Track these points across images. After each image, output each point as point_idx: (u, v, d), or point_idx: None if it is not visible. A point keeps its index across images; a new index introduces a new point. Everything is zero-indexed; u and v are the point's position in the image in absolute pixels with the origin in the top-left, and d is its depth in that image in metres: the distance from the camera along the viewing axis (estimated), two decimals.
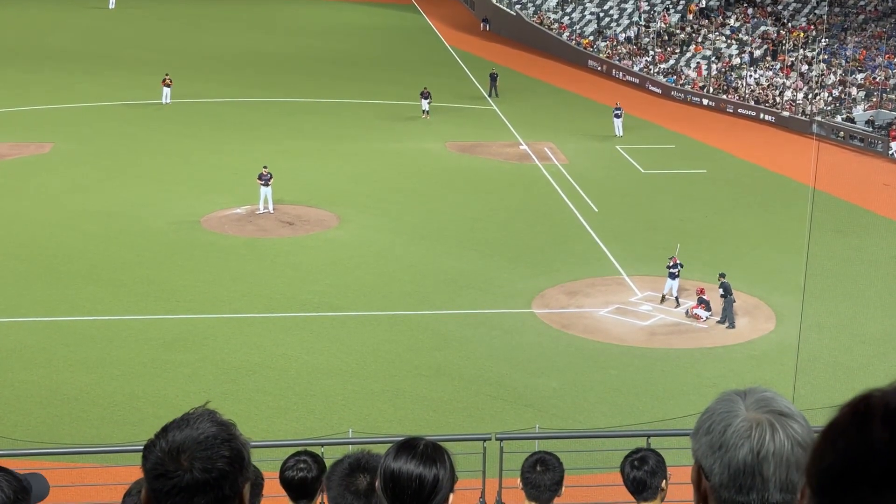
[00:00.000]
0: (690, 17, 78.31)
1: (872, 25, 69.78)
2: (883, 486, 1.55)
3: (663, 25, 78.09)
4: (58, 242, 38.93)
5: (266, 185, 42.56)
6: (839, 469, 1.59)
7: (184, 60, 75.13)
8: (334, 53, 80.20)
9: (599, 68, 75.65)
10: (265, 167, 43.20)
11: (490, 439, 13.18)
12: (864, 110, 59.66)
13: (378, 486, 3.63)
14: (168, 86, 61.84)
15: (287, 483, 6.44)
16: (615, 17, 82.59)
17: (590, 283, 36.16)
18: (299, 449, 6.74)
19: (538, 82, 71.59)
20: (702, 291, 33.45)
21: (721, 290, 32.88)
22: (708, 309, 33.21)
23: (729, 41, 72.44)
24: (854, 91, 61.98)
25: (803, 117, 59.95)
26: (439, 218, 42.64)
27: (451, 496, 3.68)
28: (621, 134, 56.75)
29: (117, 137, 54.39)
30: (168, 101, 61.65)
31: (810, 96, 62.26)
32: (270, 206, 42.64)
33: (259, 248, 38.90)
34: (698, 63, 70.30)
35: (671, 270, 34.31)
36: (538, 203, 45.07)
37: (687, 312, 33.59)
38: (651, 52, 74.40)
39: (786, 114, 60.76)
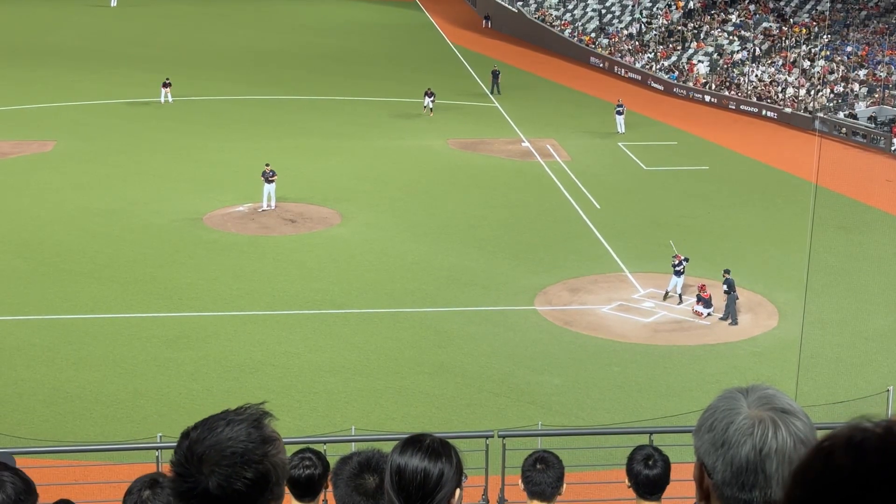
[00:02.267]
0: (678, 16, 78.20)
1: (875, 21, 69.73)
2: None
3: (665, 22, 78.04)
4: (60, 240, 38.95)
5: (269, 182, 42.59)
6: (808, 500, 1.66)
7: (186, 58, 75.17)
8: (336, 51, 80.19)
9: (601, 65, 75.61)
10: (267, 164, 43.23)
11: (493, 436, 13.20)
12: (867, 106, 59.62)
13: (386, 481, 3.66)
14: (168, 86, 61.76)
15: (294, 482, 6.42)
16: (617, 13, 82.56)
17: (592, 280, 36.15)
18: (302, 447, 6.73)
19: (540, 79, 71.56)
20: (702, 288, 33.43)
21: (725, 287, 32.83)
22: (708, 306, 33.17)
23: (731, 38, 72.39)
24: (856, 87, 61.94)
25: (805, 114, 59.91)
26: (442, 215, 42.64)
27: (459, 491, 3.70)
28: (623, 131, 56.73)
29: (119, 135, 54.41)
30: (170, 100, 61.51)
31: (812, 93, 62.22)
32: (273, 203, 42.66)
33: (261, 246, 38.91)
34: (688, 61, 70.23)
35: (676, 269, 34.28)
36: (540, 200, 45.06)
37: (691, 306, 33.59)
38: (653, 49, 74.35)
39: (788, 110, 60.73)
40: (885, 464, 1.61)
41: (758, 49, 69.67)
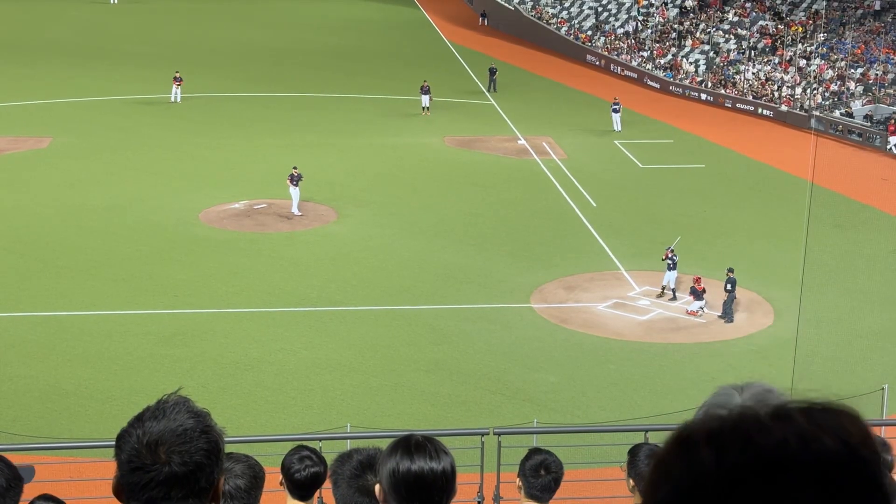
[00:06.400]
0: (661, 19, 78.18)
1: (870, 20, 69.77)
2: None
3: (661, 20, 78.04)
4: (56, 237, 38.91)
5: (294, 185, 41.78)
6: (675, 498, 1.61)
7: (182, 55, 75.04)
8: (332, 48, 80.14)
9: (598, 63, 75.61)
10: (295, 168, 42.28)
11: (488, 434, 13.20)
12: (863, 105, 59.64)
13: (386, 487, 3.57)
14: (179, 83, 61.13)
15: (299, 483, 6.36)
16: (613, 11, 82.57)
17: (588, 278, 36.16)
18: (297, 444, 6.69)
19: (536, 77, 71.56)
20: (697, 281, 33.40)
21: (728, 286, 32.80)
22: (699, 298, 33.07)
23: (727, 36, 72.39)
24: (852, 86, 61.97)
25: (801, 112, 59.94)
26: (438, 213, 42.63)
27: None
28: (619, 129, 56.74)
29: (116, 132, 54.34)
30: (178, 98, 60.93)
31: (808, 91, 62.25)
32: (294, 209, 41.79)
33: (257, 243, 38.88)
34: (674, 58, 70.25)
35: (668, 262, 34.34)
36: (536, 198, 45.06)
37: (686, 308, 33.61)
38: (648, 47, 74.33)
39: (784, 108, 60.75)
40: (744, 462, 1.55)
41: (754, 48, 69.66)
